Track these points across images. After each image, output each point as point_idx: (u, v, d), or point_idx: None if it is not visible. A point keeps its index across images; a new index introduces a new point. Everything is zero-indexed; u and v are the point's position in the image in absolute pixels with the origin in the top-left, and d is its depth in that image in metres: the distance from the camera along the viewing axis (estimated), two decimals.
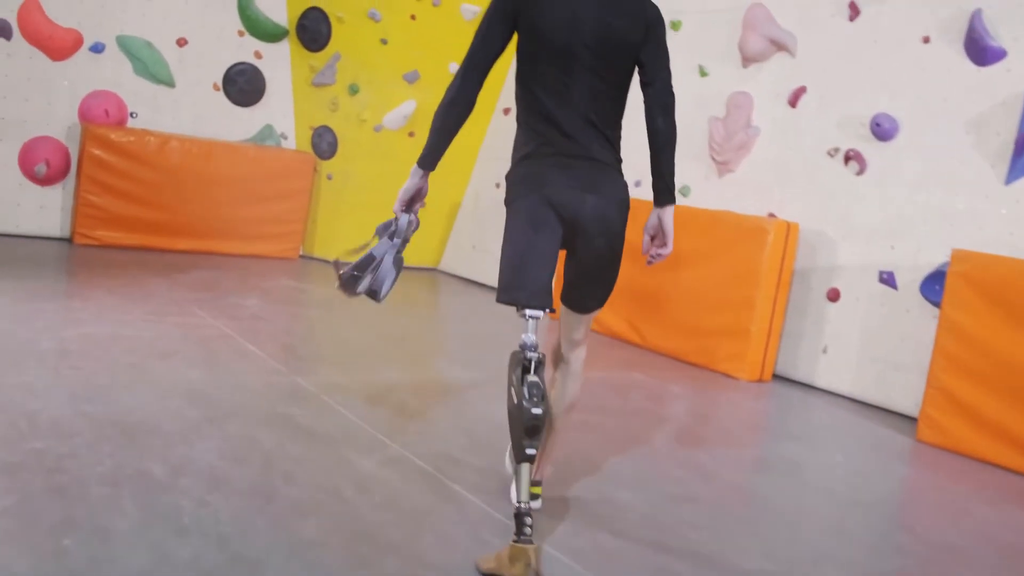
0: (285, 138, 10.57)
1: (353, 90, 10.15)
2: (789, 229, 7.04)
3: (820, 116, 7.30)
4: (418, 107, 10.19)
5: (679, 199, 8.22)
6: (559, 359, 3.68)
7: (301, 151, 10.47)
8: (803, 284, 7.25)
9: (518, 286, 3.24)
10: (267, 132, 10.45)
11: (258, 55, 10.29)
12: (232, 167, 9.81)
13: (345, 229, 10.31)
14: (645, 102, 3.46)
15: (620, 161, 3.47)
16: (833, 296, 7.06)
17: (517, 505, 3.04)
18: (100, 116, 9.47)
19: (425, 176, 3.47)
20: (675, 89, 3.55)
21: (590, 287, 3.51)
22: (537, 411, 3.05)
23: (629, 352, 7.49)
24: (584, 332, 3.64)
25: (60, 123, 9.33)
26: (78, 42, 9.34)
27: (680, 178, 8.21)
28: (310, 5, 10.17)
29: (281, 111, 10.51)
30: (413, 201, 3.52)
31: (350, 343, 6.52)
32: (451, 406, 5.20)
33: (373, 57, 10.11)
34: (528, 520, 3.00)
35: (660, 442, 5.05)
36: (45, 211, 9.35)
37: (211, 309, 6.71)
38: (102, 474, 3.41)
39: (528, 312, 3.22)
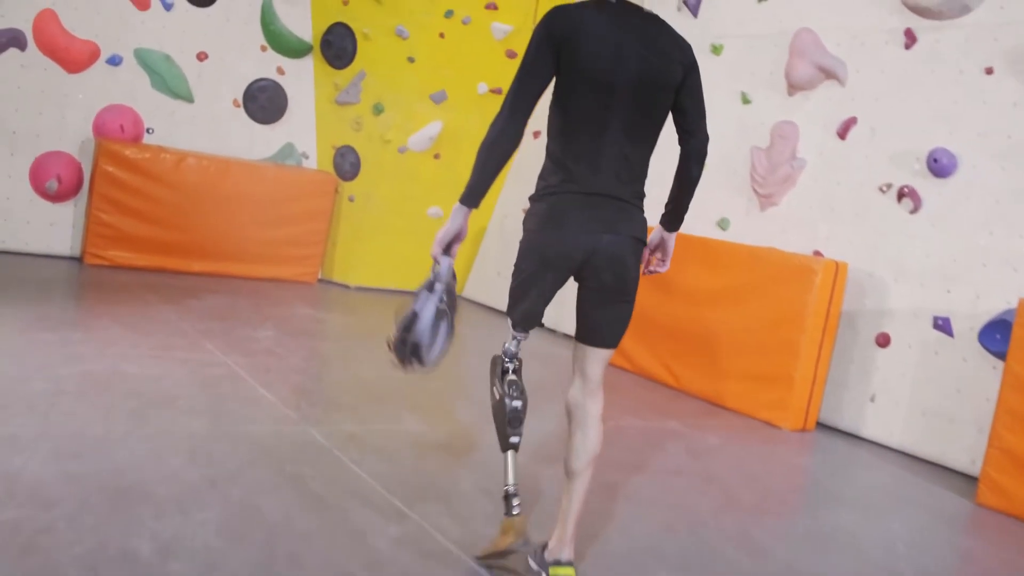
0: (306, 157, 10.26)
1: (378, 109, 9.80)
2: (838, 269, 6.60)
3: (872, 149, 6.87)
4: (444, 128, 9.84)
5: (718, 232, 7.80)
6: (575, 407, 3.47)
7: (322, 171, 10.14)
8: (850, 328, 6.80)
9: (517, 309, 3.45)
10: (288, 151, 10.14)
11: (280, 71, 10.01)
12: (251, 186, 9.49)
13: (366, 253, 9.99)
14: (683, 149, 3.46)
15: (643, 197, 3.42)
16: (883, 341, 6.62)
17: (505, 488, 3.45)
18: (115, 131, 9.17)
19: (468, 215, 3.33)
20: (716, 116, 3.70)
21: (598, 319, 3.42)
22: (517, 403, 3.47)
23: (662, 395, 7.06)
24: (599, 373, 3.48)
25: (73, 138, 9.06)
26: (95, 54, 9.07)
27: (719, 210, 7.85)
28: (335, 20, 9.86)
29: (303, 129, 10.21)
30: (452, 243, 3.34)
31: (368, 384, 6.08)
32: (476, 466, 4.73)
33: (399, 76, 9.77)
34: (516, 501, 3.43)
35: (705, 509, 4.61)
36: (55, 229, 9.05)
37: (222, 342, 6.33)
38: (80, 556, 3.00)
39: (516, 333, 3.50)
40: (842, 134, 7.06)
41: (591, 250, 3.26)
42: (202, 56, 9.57)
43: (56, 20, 8.86)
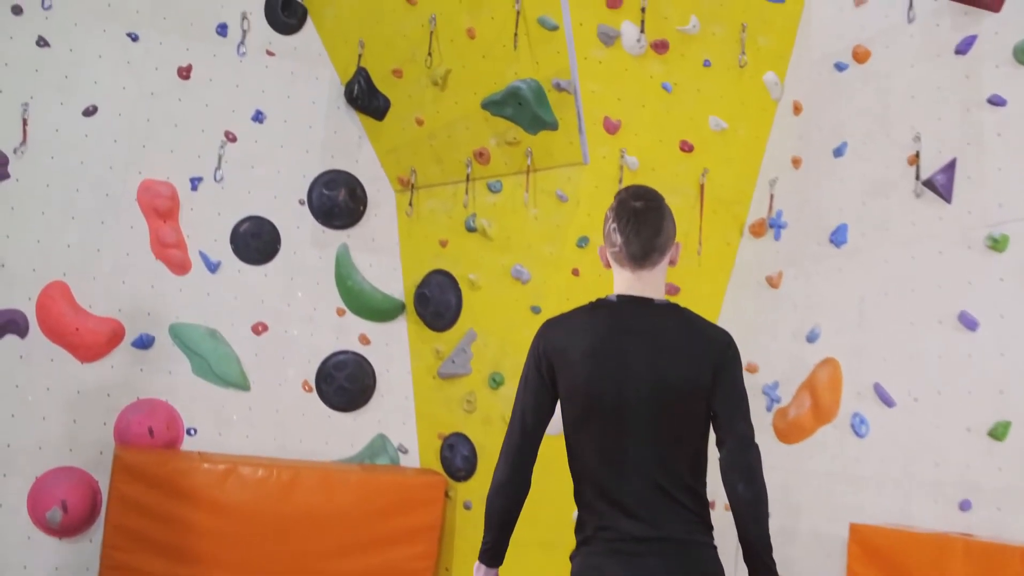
0: (404, 452, 8.29)
1: (496, 381, 7.74)
2: None
3: None
4: None
5: None
6: None
7: (427, 470, 8.10)
8: None
9: None
10: (379, 446, 8.19)
11: (364, 340, 8.17)
12: (329, 500, 7.42)
13: None
14: (720, 463, 3.08)
15: (703, 522, 3.04)
16: None
17: None
18: (142, 437, 7.21)
19: (493, 574, 3.19)
20: (1016, 344, 3.50)
21: None
22: None
23: None
24: None
25: (87, 448, 7.12)
26: (117, 335, 7.29)
27: None
28: (432, 268, 8.06)
29: (397, 415, 8.30)
30: None
31: None
32: None
33: (521, 333, 7.50)
34: None
35: None
36: (62, 574, 6.95)
37: None
38: None
39: None
40: None
41: None
42: (259, 328, 7.79)
43: (67, 294, 7.12)
